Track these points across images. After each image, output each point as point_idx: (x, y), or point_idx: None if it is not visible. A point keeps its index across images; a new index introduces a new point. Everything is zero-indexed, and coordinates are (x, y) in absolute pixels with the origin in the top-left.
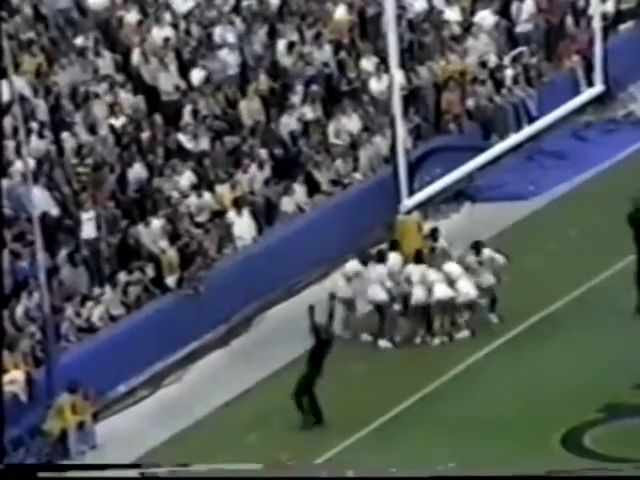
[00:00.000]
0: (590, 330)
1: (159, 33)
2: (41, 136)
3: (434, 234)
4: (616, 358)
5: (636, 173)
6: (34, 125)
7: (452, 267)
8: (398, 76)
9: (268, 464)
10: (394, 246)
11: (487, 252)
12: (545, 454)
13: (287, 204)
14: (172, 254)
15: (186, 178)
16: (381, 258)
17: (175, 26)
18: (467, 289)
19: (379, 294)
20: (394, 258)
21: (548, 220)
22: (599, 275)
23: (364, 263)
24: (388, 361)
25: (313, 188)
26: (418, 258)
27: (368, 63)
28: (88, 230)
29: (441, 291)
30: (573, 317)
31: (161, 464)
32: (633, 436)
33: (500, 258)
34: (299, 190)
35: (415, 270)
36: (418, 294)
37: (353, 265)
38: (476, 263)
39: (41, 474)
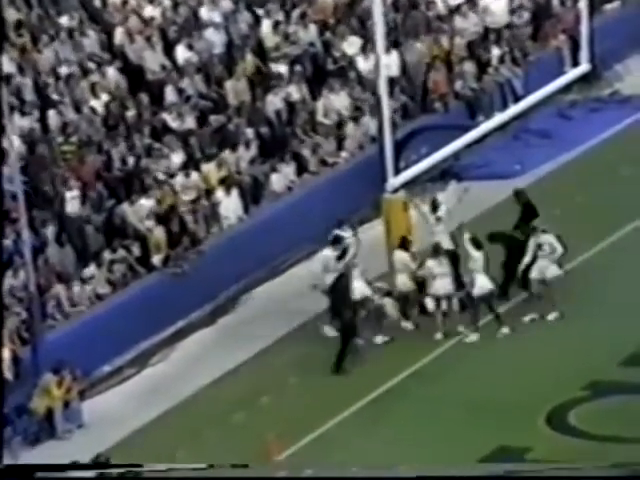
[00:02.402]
0: (574, 309)
1: (144, 12)
2: (26, 114)
3: (434, 204)
4: (600, 336)
5: (621, 152)
6: (19, 103)
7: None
8: (384, 56)
9: (224, 465)
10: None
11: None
12: (530, 432)
13: (275, 183)
14: (159, 233)
15: (173, 157)
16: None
17: (161, 5)
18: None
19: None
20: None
21: (534, 199)
22: (583, 254)
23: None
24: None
25: (299, 167)
26: (403, 245)
27: (354, 43)
28: (73, 208)
29: (441, 286)
30: (557, 295)
31: (160, 463)
32: (618, 414)
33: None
34: (286, 169)
35: (399, 257)
36: (401, 281)
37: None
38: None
39: (39, 474)
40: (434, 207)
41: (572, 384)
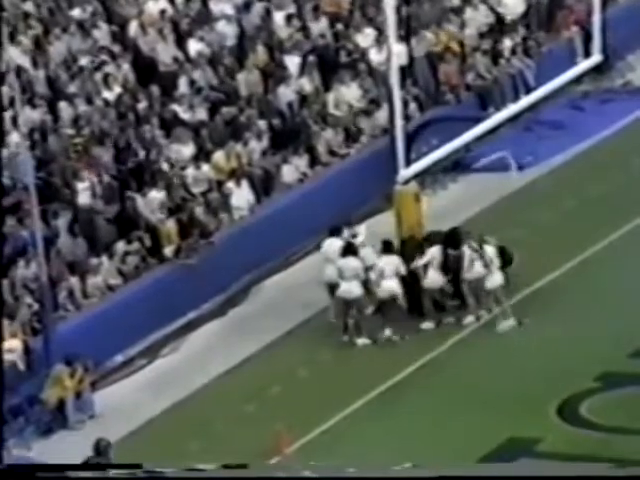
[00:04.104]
0: (586, 300)
1: (156, 5)
2: (37, 106)
3: None
4: (611, 327)
5: (633, 142)
6: (31, 95)
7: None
8: (396, 48)
9: (222, 465)
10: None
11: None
12: (541, 424)
13: (286, 174)
14: (170, 224)
15: (184, 149)
16: (353, 251)
17: None
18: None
19: (355, 290)
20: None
21: (546, 190)
22: (595, 245)
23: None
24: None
25: (311, 159)
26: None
27: (366, 35)
28: (84, 200)
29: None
30: (569, 287)
31: (165, 464)
32: (629, 405)
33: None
34: (298, 161)
35: (433, 252)
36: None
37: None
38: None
39: (40, 474)
40: None
41: (583, 375)
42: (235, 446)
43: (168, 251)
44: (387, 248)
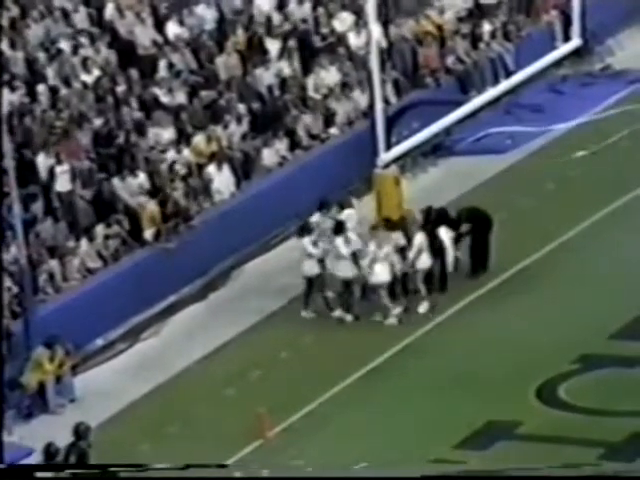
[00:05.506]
0: (564, 283)
1: None
2: (16, 88)
3: None
4: (591, 309)
5: (612, 126)
6: (9, 78)
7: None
8: (376, 31)
9: (182, 465)
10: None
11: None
12: (520, 406)
13: (266, 158)
14: (152, 208)
15: (164, 132)
16: (308, 230)
17: None
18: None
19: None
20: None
21: (525, 173)
22: (575, 228)
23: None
24: (364, 316)
25: (291, 142)
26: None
27: (345, 20)
28: (62, 183)
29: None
30: (548, 270)
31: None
32: (607, 387)
33: None
34: (278, 144)
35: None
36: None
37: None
38: None
39: (38, 474)
40: None
41: (562, 358)
42: (216, 430)
43: (148, 235)
44: (338, 229)
